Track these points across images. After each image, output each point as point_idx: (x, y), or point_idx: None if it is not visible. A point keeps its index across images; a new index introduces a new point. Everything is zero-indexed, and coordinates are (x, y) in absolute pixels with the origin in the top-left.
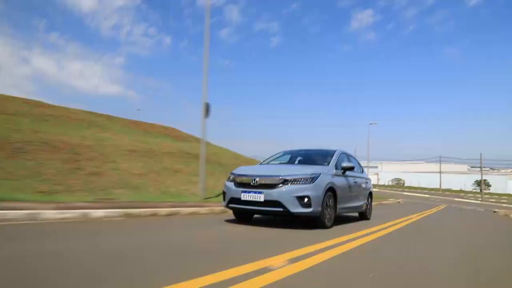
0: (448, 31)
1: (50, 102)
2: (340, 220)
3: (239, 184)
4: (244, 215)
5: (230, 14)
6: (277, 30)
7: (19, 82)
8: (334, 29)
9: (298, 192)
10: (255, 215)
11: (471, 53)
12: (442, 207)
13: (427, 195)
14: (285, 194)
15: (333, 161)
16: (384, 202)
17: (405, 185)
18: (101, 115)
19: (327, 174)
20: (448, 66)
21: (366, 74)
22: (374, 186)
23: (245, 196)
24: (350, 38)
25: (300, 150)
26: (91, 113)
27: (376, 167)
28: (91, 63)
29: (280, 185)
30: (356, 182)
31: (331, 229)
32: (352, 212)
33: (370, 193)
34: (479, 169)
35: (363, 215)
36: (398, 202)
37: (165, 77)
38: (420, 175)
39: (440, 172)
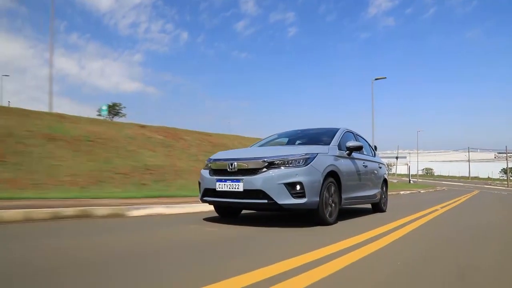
0: (470, 13)
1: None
2: (348, 213)
3: (214, 172)
4: (227, 210)
5: (246, 6)
6: (293, 21)
7: (43, 83)
8: (351, 16)
9: (287, 178)
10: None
11: (495, 37)
12: (477, 191)
13: (461, 183)
14: (270, 180)
15: (335, 140)
16: (438, 188)
17: (435, 174)
18: (247, 138)
19: (327, 155)
20: (472, 51)
21: (385, 62)
22: (404, 176)
23: (220, 186)
24: (368, 25)
25: (298, 131)
26: (238, 136)
27: (405, 157)
28: (110, 61)
29: (264, 169)
30: (366, 166)
31: (334, 225)
32: (362, 203)
33: (385, 180)
34: (505, 155)
35: (378, 207)
36: (443, 189)
37: (184, 72)
38: (447, 164)
39: (469, 161)
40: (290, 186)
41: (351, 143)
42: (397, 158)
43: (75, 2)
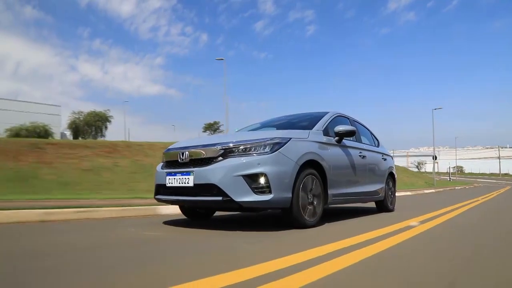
0: (495, 3)
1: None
2: (344, 213)
3: (166, 164)
4: (194, 210)
5: (264, 6)
6: (312, 19)
7: (69, 89)
8: (371, 12)
9: (247, 169)
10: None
11: None
12: (509, 187)
13: (494, 180)
14: (225, 172)
15: (320, 124)
16: (476, 185)
17: (466, 171)
18: None
19: (305, 140)
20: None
21: (407, 58)
22: (436, 174)
23: (170, 181)
24: (388, 20)
25: (282, 117)
26: None
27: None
28: (132, 66)
29: (219, 158)
30: (363, 156)
31: (314, 229)
32: (359, 201)
33: (391, 175)
34: None
35: (383, 206)
36: (480, 185)
37: (204, 74)
38: (476, 161)
39: (499, 158)
40: (251, 178)
41: (341, 127)
42: (435, 157)
43: (98, 9)
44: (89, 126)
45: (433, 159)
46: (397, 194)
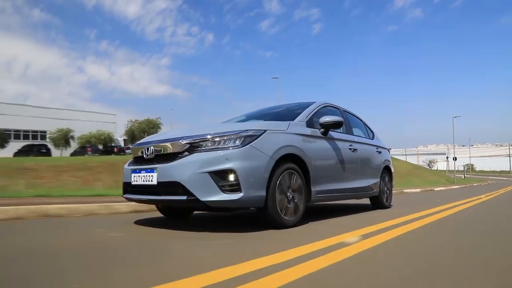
0: None
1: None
2: (335, 210)
3: (133, 160)
4: (170, 208)
5: (270, 5)
6: (318, 17)
7: (76, 90)
8: (377, 10)
9: (214, 164)
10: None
11: None
12: None
13: (505, 177)
14: (189, 168)
15: (303, 115)
16: (489, 182)
17: (477, 169)
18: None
19: (283, 132)
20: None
21: (410, 58)
22: (446, 172)
23: (135, 178)
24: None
25: (269, 108)
26: None
27: (444, 153)
28: (139, 66)
29: (185, 153)
30: (354, 150)
31: (295, 228)
32: (350, 197)
33: (387, 169)
34: None
35: (378, 202)
36: (492, 183)
37: (210, 74)
38: (487, 159)
39: (510, 156)
40: (218, 175)
41: (327, 118)
42: (455, 159)
43: (104, 11)
44: (144, 133)
45: (453, 160)
46: (436, 189)
